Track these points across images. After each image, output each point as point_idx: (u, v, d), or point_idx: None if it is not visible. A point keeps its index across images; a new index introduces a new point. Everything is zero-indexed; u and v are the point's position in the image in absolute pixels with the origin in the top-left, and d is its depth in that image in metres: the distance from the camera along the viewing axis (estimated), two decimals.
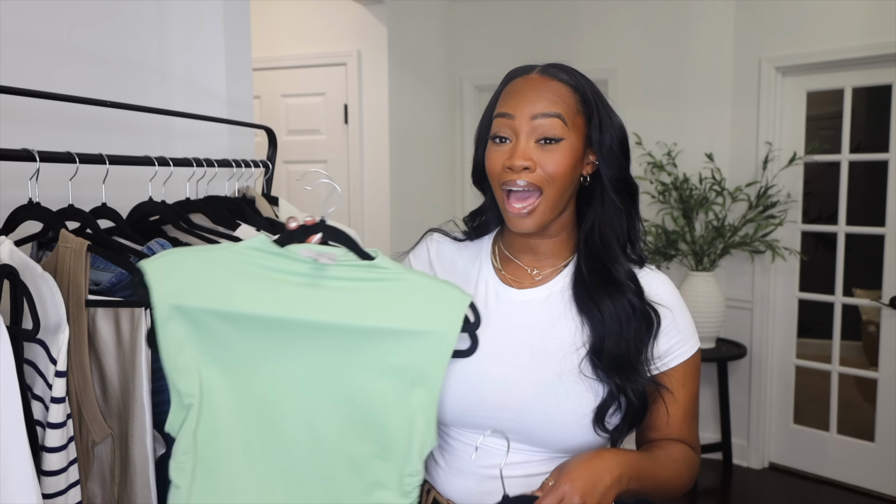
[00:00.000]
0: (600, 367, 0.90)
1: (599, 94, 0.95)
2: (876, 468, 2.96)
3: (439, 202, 3.60)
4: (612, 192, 0.94)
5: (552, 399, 0.89)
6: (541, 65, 0.95)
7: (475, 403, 0.92)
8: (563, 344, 0.92)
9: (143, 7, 1.60)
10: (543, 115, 0.89)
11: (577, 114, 0.91)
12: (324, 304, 0.82)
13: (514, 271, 1.00)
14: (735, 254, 3.19)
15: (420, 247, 1.10)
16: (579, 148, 0.91)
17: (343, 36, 2.99)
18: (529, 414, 0.90)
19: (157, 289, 0.79)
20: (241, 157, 1.57)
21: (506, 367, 0.92)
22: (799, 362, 3.19)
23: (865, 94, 4.03)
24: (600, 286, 0.93)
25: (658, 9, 3.27)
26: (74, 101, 1.07)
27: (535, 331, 0.94)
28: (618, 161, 0.94)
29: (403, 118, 3.11)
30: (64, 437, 0.83)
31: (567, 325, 0.93)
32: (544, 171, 0.89)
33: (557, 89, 0.91)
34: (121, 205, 1.17)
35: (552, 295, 0.96)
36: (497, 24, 3.64)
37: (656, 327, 0.93)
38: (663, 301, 0.95)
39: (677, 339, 0.95)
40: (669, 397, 0.94)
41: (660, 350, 0.94)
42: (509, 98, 0.93)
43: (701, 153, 3.18)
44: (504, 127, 0.91)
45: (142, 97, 1.60)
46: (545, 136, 0.89)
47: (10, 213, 0.99)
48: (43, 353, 0.84)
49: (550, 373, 0.90)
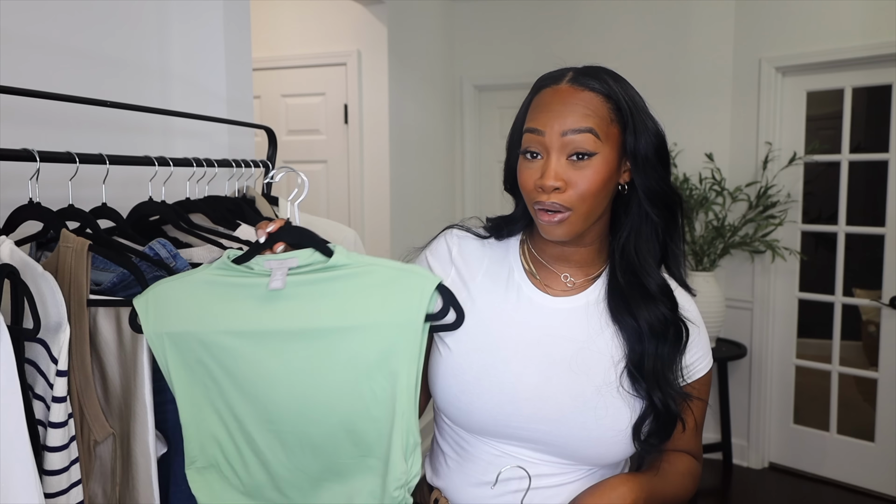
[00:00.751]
0: (640, 382, 0.89)
1: (635, 97, 0.90)
2: (876, 468, 2.96)
3: (439, 202, 3.60)
4: (646, 203, 0.91)
5: (591, 413, 0.88)
6: (571, 71, 0.91)
7: (510, 414, 0.90)
8: (602, 357, 0.91)
9: (143, 7, 1.60)
10: (574, 130, 0.85)
11: (611, 124, 0.87)
12: (287, 314, 0.82)
13: (546, 277, 0.97)
14: (735, 254, 3.19)
15: (438, 244, 1.03)
16: (613, 159, 0.88)
17: (343, 36, 2.99)
18: (567, 427, 0.88)
19: (146, 322, 0.85)
20: (241, 157, 1.57)
21: (543, 378, 0.90)
22: (799, 362, 3.19)
23: (865, 94, 4.03)
24: (637, 299, 0.91)
25: (658, 9, 3.28)
26: (74, 101, 1.07)
27: (572, 341, 0.92)
28: (654, 169, 0.89)
29: (403, 118, 3.11)
30: (65, 437, 0.83)
31: (605, 338, 0.92)
32: (576, 191, 0.85)
33: (589, 101, 0.86)
34: (121, 205, 1.17)
35: (588, 304, 0.94)
36: (497, 24, 3.64)
37: (685, 342, 0.93)
38: (690, 316, 0.94)
39: (700, 355, 0.96)
40: (688, 410, 0.94)
41: (685, 364, 0.94)
42: (539, 112, 0.89)
43: (701, 153, 3.18)
44: (534, 143, 0.88)
45: (142, 97, 1.60)
46: (577, 151, 0.85)
47: (10, 213, 0.99)
48: (44, 352, 0.84)
49: (591, 386, 0.89)
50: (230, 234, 1.25)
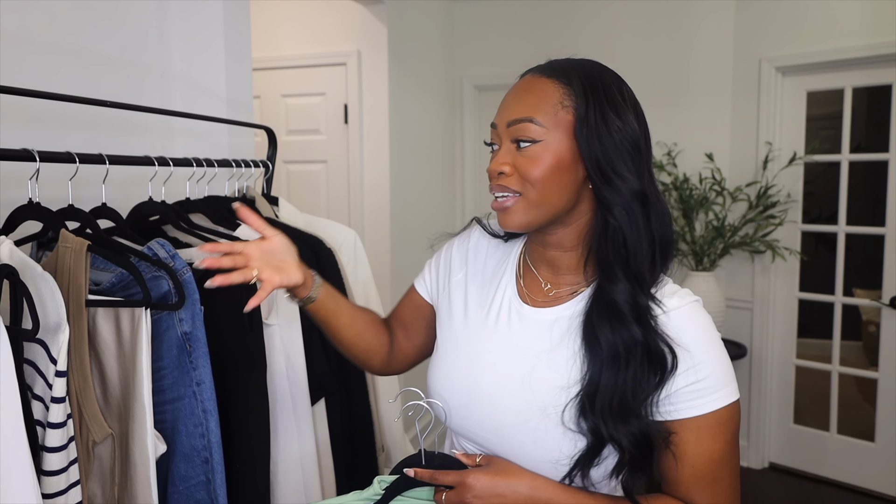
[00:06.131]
0: (589, 411, 0.79)
1: (602, 87, 0.83)
2: (876, 468, 2.96)
3: (439, 202, 3.60)
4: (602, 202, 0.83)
5: (530, 435, 0.83)
6: (548, 62, 0.89)
7: (464, 417, 0.91)
8: (557, 377, 0.84)
9: (143, 7, 1.60)
10: (515, 120, 0.84)
11: (562, 109, 0.82)
12: None
13: (530, 284, 0.93)
14: (735, 254, 3.19)
15: (465, 233, 1.06)
16: (567, 147, 0.82)
17: (343, 36, 2.99)
18: (508, 443, 0.86)
19: None
20: (241, 157, 1.57)
21: (496, 389, 0.88)
22: (799, 362, 3.19)
23: (865, 94, 4.03)
24: (602, 314, 0.82)
25: (658, 9, 3.27)
26: (74, 101, 1.07)
27: (533, 356, 0.87)
28: (611, 167, 0.81)
29: (403, 118, 3.11)
30: (64, 437, 0.83)
31: (565, 356, 0.84)
32: (522, 175, 0.83)
33: (541, 88, 0.84)
34: (121, 205, 1.17)
35: (560, 320, 0.87)
36: (497, 24, 3.64)
37: (668, 370, 0.79)
38: (683, 339, 0.80)
39: (695, 388, 0.79)
40: (678, 451, 0.80)
41: (664, 396, 0.80)
42: (499, 106, 0.89)
43: (701, 153, 3.18)
44: (493, 135, 0.88)
45: (142, 97, 1.60)
46: (518, 138, 0.83)
47: (10, 213, 0.99)
48: (43, 352, 0.84)
49: (535, 406, 0.83)
50: (230, 234, 1.25)
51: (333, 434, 1.35)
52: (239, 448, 1.08)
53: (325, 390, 1.33)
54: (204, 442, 0.99)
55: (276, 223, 1.45)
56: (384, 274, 2.96)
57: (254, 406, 1.11)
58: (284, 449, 1.22)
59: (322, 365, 1.32)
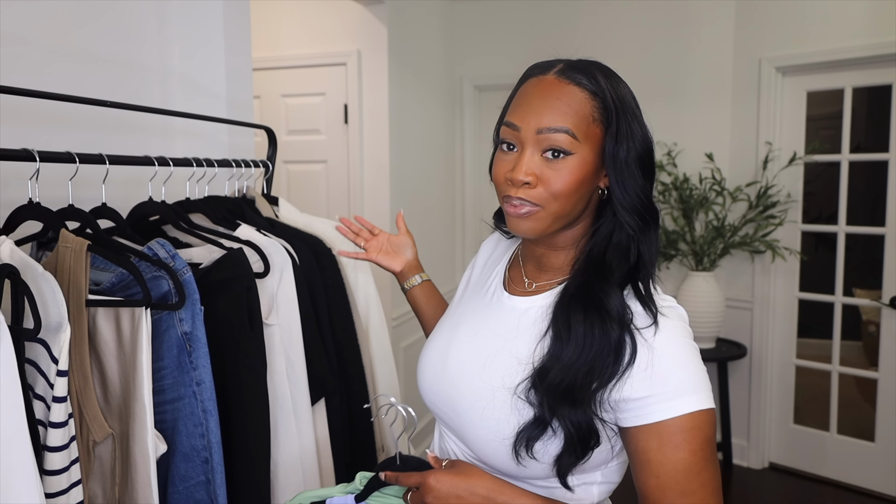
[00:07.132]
0: (539, 384, 0.81)
1: (626, 98, 0.84)
2: (876, 468, 2.96)
3: (439, 202, 3.60)
4: (620, 210, 0.83)
5: (479, 412, 0.86)
6: (562, 63, 0.86)
7: (435, 393, 0.95)
8: (514, 359, 0.86)
9: (143, 7, 1.61)
10: (549, 129, 0.81)
11: (592, 123, 0.82)
12: None
13: (515, 276, 0.97)
14: (735, 254, 3.19)
15: (494, 234, 1.12)
16: (592, 161, 0.82)
17: (343, 36, 2.99)
18: (462, 421, 0.89)
19: None
20: (241, 157, 1.57)
21: (461, 368, 0.91)
22: (799, 362, 3.20)
23: (865, 94, 4.03)
24: (578, 304, 0.82)
25: (658, 9, 3.28)
26: (74, 101, 1.07)
27: (500, 339, 0.89)
28: (632, 178, 0.82)
29: (403, 118, 3.11)
30: (66, 437, 0.83)
31: (527, 341, 0.86)
32: (547, 189, 0.82)
33: (571, 96, 0.82)
34: (121, 205, 1.17)
35: (532, 309, 0.89)
36: (497, 24, 3.64)
37: (623, 366, 0.78)
38: (656, 342, 0.78)
39: (656, 391, 0.76)
40: (643, 459, 0.78)
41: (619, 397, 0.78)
42: (519, 105, 0.85)
43: (701, 153, 3.18)
44: (511, 136, 0.85)
45: (142, 97, 1.60)
46: (552, 147, 0.81)
47: (10, 213, 0.99)
48: (44, 352, 0.84)
49: (489, 385, 0.86)
50: (230, 234, 1.25)
51: (333, 434, 1.35)
52: (239, 448, 1.08)
53: (325, 390, 1.33)
54: (204, 442, 1.00)
55: (276, 223, 1.45)
56: (384, 273, 2.96)
57: (254, 406, 1.11)
58: (284, 448, 1.22)
59: (322, 365, 1.32)
